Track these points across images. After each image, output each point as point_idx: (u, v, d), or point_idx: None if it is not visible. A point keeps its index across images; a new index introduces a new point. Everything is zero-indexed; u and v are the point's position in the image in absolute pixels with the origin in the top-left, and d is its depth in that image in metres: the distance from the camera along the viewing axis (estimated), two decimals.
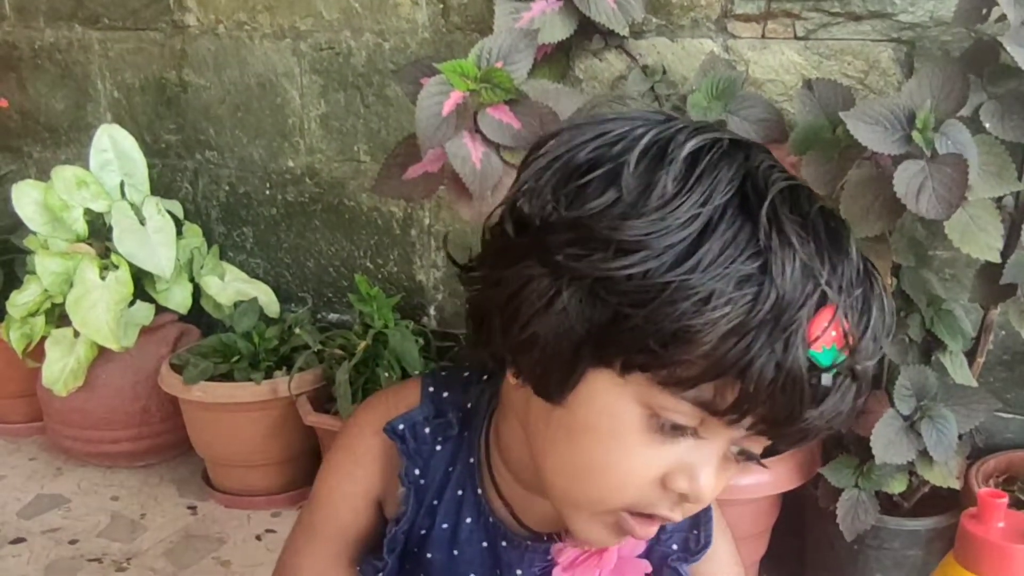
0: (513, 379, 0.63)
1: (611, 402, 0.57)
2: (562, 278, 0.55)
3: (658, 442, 0.57)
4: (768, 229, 0.53)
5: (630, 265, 0.53)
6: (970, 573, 0.90)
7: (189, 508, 1.77)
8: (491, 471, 0.74)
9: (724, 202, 0.54)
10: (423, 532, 0.75)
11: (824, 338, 0.53)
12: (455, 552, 0.76)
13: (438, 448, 0.74)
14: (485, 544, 0.75)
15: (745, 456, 0.60)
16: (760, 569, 1.50)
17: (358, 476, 0.77)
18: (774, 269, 0.52)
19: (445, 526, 0.75)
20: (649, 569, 0.73)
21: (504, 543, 0.74)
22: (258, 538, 1.67)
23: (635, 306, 0.53)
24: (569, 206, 0.56)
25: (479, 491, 0.74)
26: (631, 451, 0.58)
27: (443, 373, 0.78)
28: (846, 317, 0.54)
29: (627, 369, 0.55)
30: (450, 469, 0.74)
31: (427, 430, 0.74)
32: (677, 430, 0.57)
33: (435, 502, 0.75)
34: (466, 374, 0.76)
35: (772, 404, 0.54)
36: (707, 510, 0.75)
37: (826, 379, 0.54)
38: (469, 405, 0.74)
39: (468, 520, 0.75)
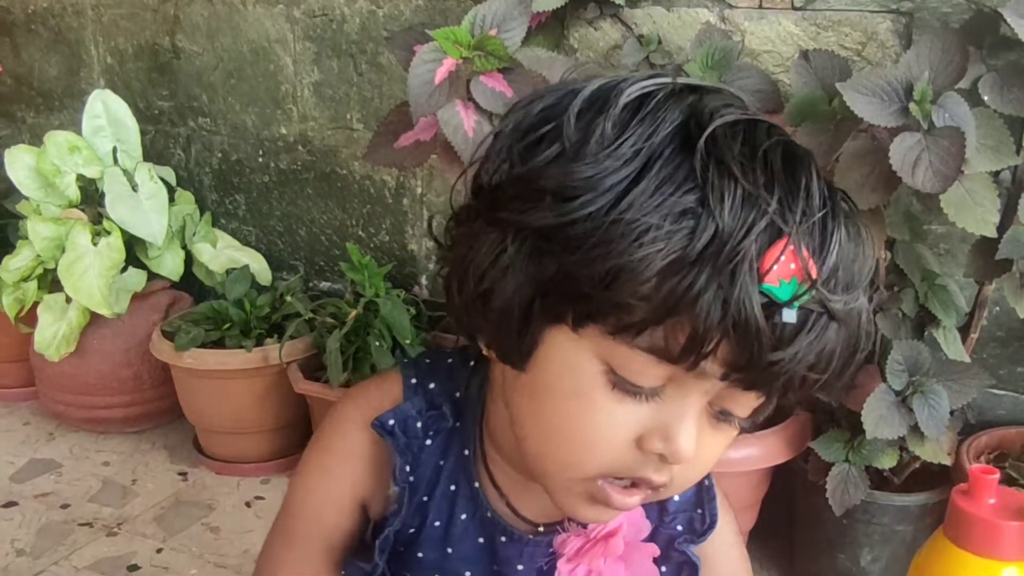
0: (485, 350, 0.62)
1: (570, 360, 0.55)
2: (507, 234, 0.54)
3: (625, 401, 0.55)
4: (705, 160, 0.51)
5: (569, 211, 0.51)
6: (959, 549, 0.90)
7: (180, 474, 1.78)
8: (486, 462, 0.70)
9: (664, 139, 0.52)
10: (411, 531, 0.72)
11: (780, 271, 0.49)
12: (448, 550, 0.72)
13: (428, 443, 0.70)
14: (481, 540, 0.72)
15: (728, 418, 0.57)
16: (748, 542, 1.50)
17: (341, 475, 0.72)
18: (711, 200, 0.50)
19: (437, 523, 0.71)
20: (657, 552, 0.70)
21: (503, 538, 0.71)
22: (247, 505, 1.68)
23: (573, 252, 0.52)
24: (516, 165, 0.55)
25: (475, 485, 0.70)
26: (597, 411, 0.55)
27: (426, 361, 0.73)
28: (805, 247, 0.50)
29: (578, 322, 0.54)
30: (440, 463, 0.70)
31: (419, 424, 0.69)
32: (637, 390, 0.55)
33: (424, 499, 0.71)
34: (450, 360, 0.72)
35: (731, 345, 0.51)
36: (710, 489, 0.73)
37: (788, 315, 0.50)
38: (458, 394, 0.70)
39: (463, 516, 0.71)
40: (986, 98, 1.13)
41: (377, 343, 1.58)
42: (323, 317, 1.67)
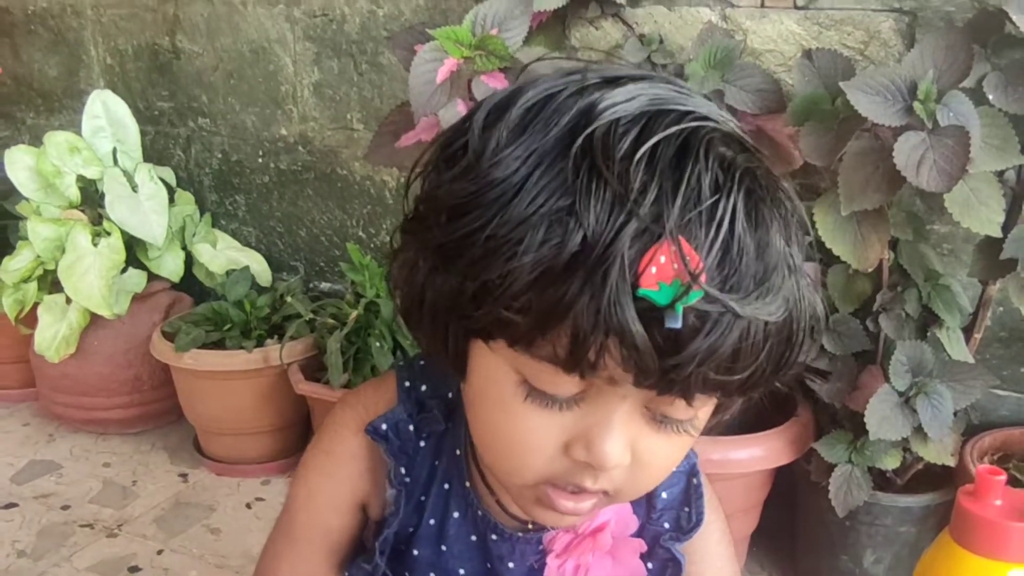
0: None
1: (491, 372, 0.55)
2: (419, 252, 0.54)
3: (545, 410, 0.54)
4: (578, 163, 0.48)
5: (458, 228, 0.50)
6: (966, 550, 0.89)
7: (180, 475, 1.77)
8: (477, 462, 0.71)
9: (551, 144, 0.49)
10: (410, 530, 0.73)
11: (659, 274, 0.46)
12: (443, 548, 0.73)
13: (422, 444, 0.71)
14: (474, 538, 0.73)
15: (669, 422, 0.56)
16: (751, 543, 1.49)
17: (341, 478, 0.73)
18: (580, 206, 0.47)
19: (432, 522, 0.72)
20: (644, 548, 0.71)
21: (494, 536, 0.72)
22: (248, 506, 1.67)
23: (458, 268, 0.51)
24: (429, 181, 0.55)
25: (466, 484, 0.71)
26: (520, 420, 0.55)
27: (420, 363, 0.73)
28: (691, 246, 0.47)
29: (484, 336, 0.53)
30: (435, 463, 0.72)
31: (411, 427, 0.70)
32: (553, 400, 0.53)
33: (422, 498, 0.72)
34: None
35: (619, 353, 0.48)
36: (698, 487, 0.73)
37: (671, 319, 0.47)
38: (450, 395, 0.71)
39: (456, 514, 0.72)
40: (991, 97, 1.13)
41: (378, 344, 1.57)
42: (324, 318, 1.67)
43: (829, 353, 1.27)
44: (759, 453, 1.31)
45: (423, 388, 0.71)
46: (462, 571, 0.74)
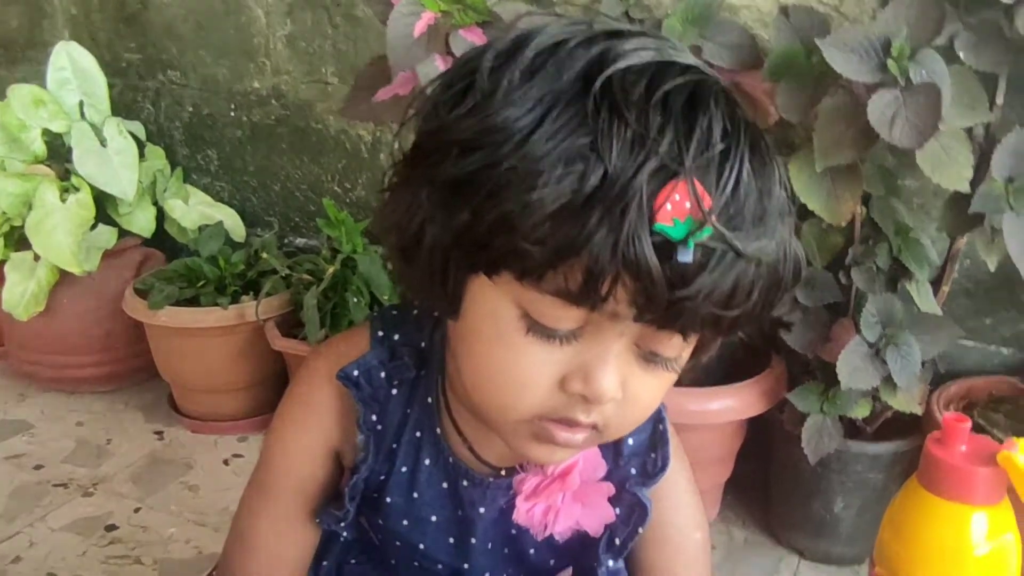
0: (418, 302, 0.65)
1: (491, 307, 0.57)
2: (422, 189, 0.56)
3: (544, 344, 0.56)
4: (598, 103, 0.51)
5: (473, 163, 0.52)
6: (933, 495, 0.92)
7: (156, 433, 1.77)
8: (449, 409, 0.72)
9: (567, 85, 0.52)
10: (382, 477, 0.74)
11: (674, 210, 0.49)
12: (415, 495, 0.74)
13: (394, 392, 0.72)
14: (445, 485, 0.74)
15: (658, 359, 0.58)
16: (725, 492, 1.53)
17: (313, 426, 0.74)
18: (601, 144, 0.50)
19: (404, 469, 0.74)
20: (612, 492, 0.73)
21: (465, 482, 0.73)
22: (225, 463, 1.68)
23: (474, 201, 0.52)
24: (433, 120, 0.56)
25: (437, 431, 0.72)
26: (518, 354, 0.57)
27: (393, 313, 0.75)
28: (702, 186, 0.50)
29: (490, 270, 0.55)
30: (407, 411, 0.73)
31: (383, 374, 0.71)
32: (553, 333, 0.55)
33: (394, 446, 0.73)
34: (416, 312, 0.73)
35: (630, 286, 0.51)
36: (664, 433, 0.74)
37: (683, 254, 0.50)
38: (423, 344, 0.72)
39: (427, 461, 0.73)
40: (961, 55, 1.14)
41: (355, 299, 1.57)
42: (300, 274, 1.66)
43: (802, 305, 1.30)
44: (733, 404, 1.34)
45: (396, 337, 0.72)
46: (434, 517, 0.76)
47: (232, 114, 1.91)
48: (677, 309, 0.52)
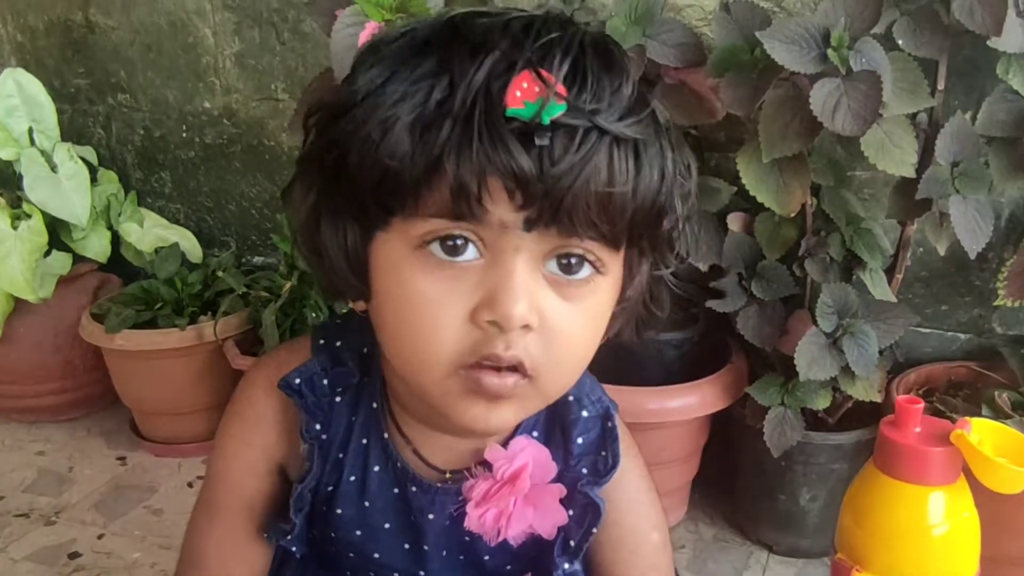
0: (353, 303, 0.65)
1: (392, 260, 0.58)
2: (312, 172, 0.59)
3: (447, 280, 0.56)
4: (449, 35, 0.55)
5: (338, 126, 0.56)
6: (889, 477, 0.93)
7: (118, 459, 1.75)
8: (393, 414, 0.71)
9: (417, 49, 0.56)
10: (330, 488, 0.73)
11: (524, 94, 0.52)
12: (366, 504, 0.73)
13: (338, 399, 0.71)
14: (396, 490, 0.73)
15: (572, 282, 0.58)
16: (692, 490, 1.53)
17: (256, 441, 0.73)
18: (444, 60, 0.54)
19: (353, 478, 0.73)
20: (563, 493, 0.71)
21: (414, 488, 0.72)
22: (190, 485, 1.65)
23: (348, 146, 0.56)
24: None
25: (384, 436, 0.72)
26: (425, 298, 0.57)
27: (336, 321, 0.74)
28: (548, 71, 0.53)
29: (379, 219, 0.57)
30: (352, 419, 0.72)
31: (325, 381, 0.70)
32: (453, 247, 0.56)
33: (340, 455, 0.72)
34: (359, 320, 0.72)
35: (503, 184, 0.53)
36: (613, 430, 0.73)
37: (541, 135, 0.52)
38: (366, 350, 0.71)
39: (376, 468, 0.72)
40: (900, 42, 1.15)
41: (313, 314, 1.56)
42: (257, 291, 1.65)
43: (758, 299, 1.30)
44: (695, 401, 1.34)
45: (338, 343, 0.72)
46: (387, 525, 0.75)
47: (184, 135, 1.90)
48: (557, 196, 0.53)
